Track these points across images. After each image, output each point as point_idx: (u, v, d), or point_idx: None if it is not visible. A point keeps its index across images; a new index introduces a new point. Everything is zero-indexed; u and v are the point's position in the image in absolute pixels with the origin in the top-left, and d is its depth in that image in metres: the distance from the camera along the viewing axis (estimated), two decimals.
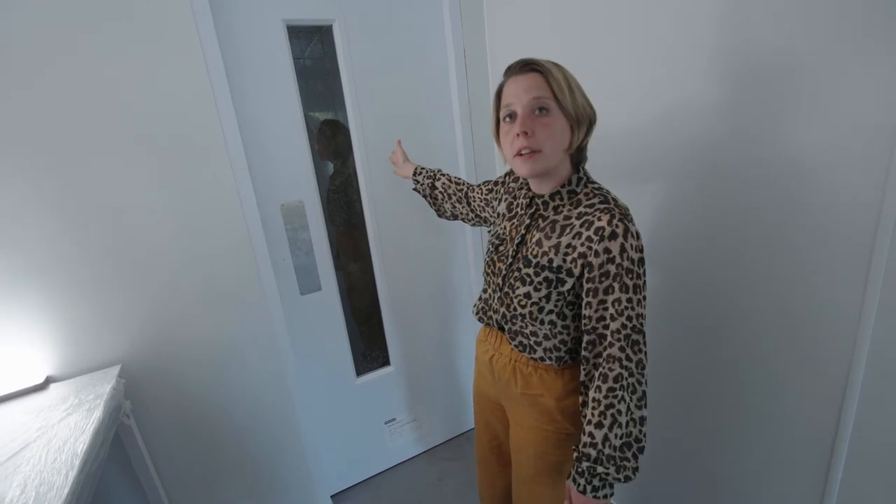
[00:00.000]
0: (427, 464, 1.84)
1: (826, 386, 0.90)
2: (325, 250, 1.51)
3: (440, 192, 1.26)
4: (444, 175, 1.27)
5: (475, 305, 1.00)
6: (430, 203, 1.32)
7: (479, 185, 1.17)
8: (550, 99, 0.76)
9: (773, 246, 0.93)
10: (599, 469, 0.75)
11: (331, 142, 1.53)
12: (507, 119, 0.79)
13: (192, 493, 1.38)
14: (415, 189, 1.33)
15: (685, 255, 1.12)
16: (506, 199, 0.97)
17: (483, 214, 1.16)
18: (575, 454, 0.79)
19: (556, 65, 0.78)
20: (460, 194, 1.21)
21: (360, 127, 1.48)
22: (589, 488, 0.77)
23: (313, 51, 1.47)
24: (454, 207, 1.24)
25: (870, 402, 0.84)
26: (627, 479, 0.75)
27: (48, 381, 1.12)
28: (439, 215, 1.31)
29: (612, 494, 0.77)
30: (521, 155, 0.77)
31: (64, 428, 0.91)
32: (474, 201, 1.16)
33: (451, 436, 1.96)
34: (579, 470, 0.77)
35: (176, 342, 1.27)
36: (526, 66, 0.78)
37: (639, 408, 0.76)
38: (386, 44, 1.47)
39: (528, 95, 0.76)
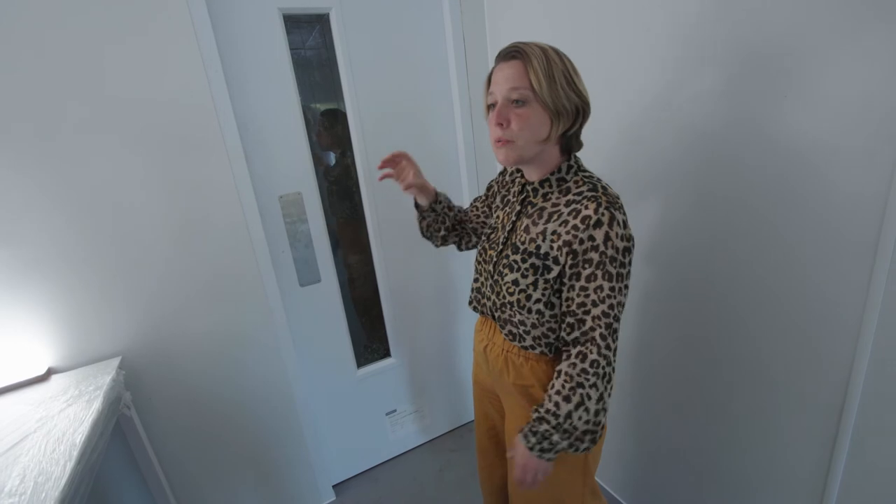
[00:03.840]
0: (428, 454, 1.85)
1: (827, 386, 0.89)
2: (324, 242, 1.51)
3: (452, 223, 1.11)
4: (453, 209, 1.11)
5: (470, 296, 1.00)
6: (434, 233, 1.11)
7: (470, 205, 1.13)
8: (527, 90, 0.74)
9: (774, 243, 0.92)
10: (555, 438, 0.76)
11: (329, 132, 1.52)
12: (491, 107, 0.80)
13: (195, 483, 1.40)
14: (423, 214, 1.08)
15: (683, 254, 1.11)
16: (500, 193, 0.99)
17: (485, 230, 1.07)
18: (535, 414, 0.79)
19: (545, 51, 0.74)
20: (459, 225, 1.13)
21: (358, 117, 1.47)
22: (538, 448, 0.78)
23: (314, 41, 1.45)
24: (449, 236, 1.12)
25: (871, 403, 0.83)
26: (573, 448, 0.77)
27: (50, 373, 1.13)
28: (439, 244, 1.14)
29: (553, 459, 0.79)
30: (497, 143, 0.79)
31: (63, 419, 0.92)
32: (470, 223, 1.11)
33: (453, 427, 1.97)
34: (534, 430, 0.78)
35: (176, 334, 1.28)
36: (510, 54, 0.76)
37: (605, 396, 0.76)
38: (384, 32, 1.45)
39: (506, 85, 0.75)
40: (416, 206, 1.09)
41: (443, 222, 1.08)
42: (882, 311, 0.77)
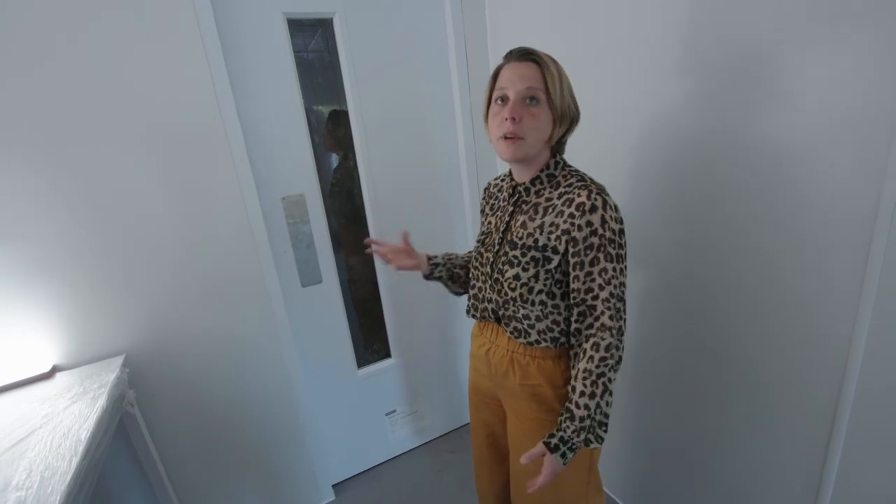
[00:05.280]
0: (427, 455, 1.86)
1: (820, 387, 0.90)
2: (325, 243, 1.53)
3: (465, 269, 1.11)
4: (458, 256, 1.13)
5: (468, 305, 1.01)
6: (463, 286, 1.11)
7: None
8: (542, 91, 0.79)
9: (768, 244, 0.93)
10: (592, 437, 0.80)
11: (332, 134, 1.54)
12: (499, 101, 0.82)
13: (196, 480, 1.41)
14: (431, 279, 1.11)
15: (675, 258, 1.12)
16: (490, 203, 1.01)
17: (478, 237, 1.09)
18: (576, 434, 0.79)
19: (554, 60, 0.81)
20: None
21: (360, 119, 1.49)
22: (570, 455, 0.80)
23: (316, 44, 1.47)
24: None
25: (865, 403, 0.84)
26: (600, 440, 0.81)
27: (54, 370, 1.15)
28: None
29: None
30: (505, 139, 0.80)
31: (69, 415, 0.93)
32: None
33: (452, 428, 1.98)
34: (573, 447, 0.80)
35: (179, 333, 1.29)
36: (525, 55, 0.80)
37: (616, 371, 0.80)
38: (386, 37, 1.47)
39: (522, 84, 0.79)
40: (424, 276, 1.11)
41: (453, 273, 1.10)
42: (875, 310, 0.78)
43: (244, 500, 1.52)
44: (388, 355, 1.77)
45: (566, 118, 0.82)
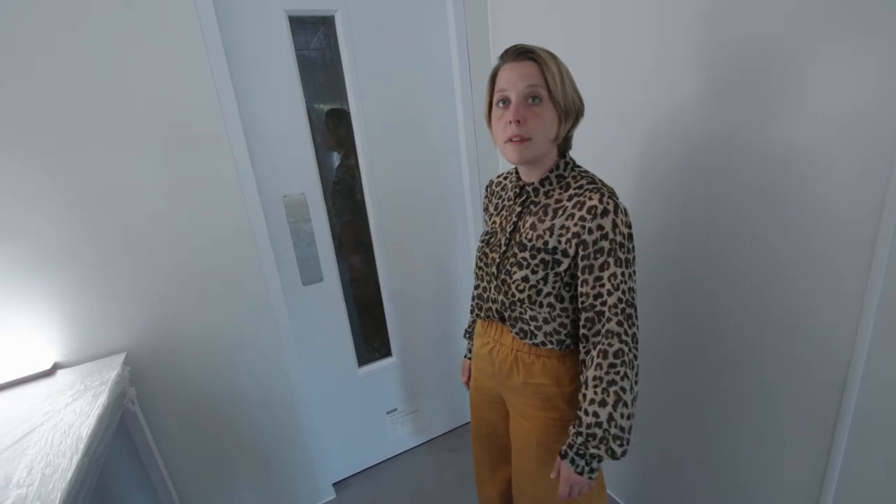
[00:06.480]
0: (428, 454, 1.86)
1: (824, 387, 0.90)
2: (326, 241, 1.52)
3: None
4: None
5: (471, 304, 1.01)
6: None
7: None
8: (543, 88, 0.77)
9: (770, 245, 0.92)
10: (602, 449, 0.76)
11: (333, 133, 1.54)
12: (501, 104, 0.80)
13: (196, 478, 1.41)
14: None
15: (676, 258, 1.12)
16: (493, 203, 1.00)
17: (482, 236, 1.09)
18: (578, 437, 0.78)
19: (551, 54, 0.78)
20: None
21: (362, 118, 1.48)
22: (587, 469, 0.78)
23: (318, 42, 1.47)
24: None
25: (867, 406, 0.84)
26: (624, 454, 0.77)
27: (55, 368, 1.15)
28: None
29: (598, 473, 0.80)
30: (511, 141, 0.79)
31: (70, 413, 0.93)
32: None
33: (452, 427, 1.98)
34: (580, 452, 0.78)
35: (179, 331, 1.29)
36: (522, 54, 0.78)
37: (636, 384, 0.78)
38: (388, 35, 1.46)
39: (522, 83, 0.77)
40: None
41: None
42: (879, 310, 0.78)
43: (244, 497, 1.52)
44: (388, 354, 1.77)
45: (571, 113, 0.80)
